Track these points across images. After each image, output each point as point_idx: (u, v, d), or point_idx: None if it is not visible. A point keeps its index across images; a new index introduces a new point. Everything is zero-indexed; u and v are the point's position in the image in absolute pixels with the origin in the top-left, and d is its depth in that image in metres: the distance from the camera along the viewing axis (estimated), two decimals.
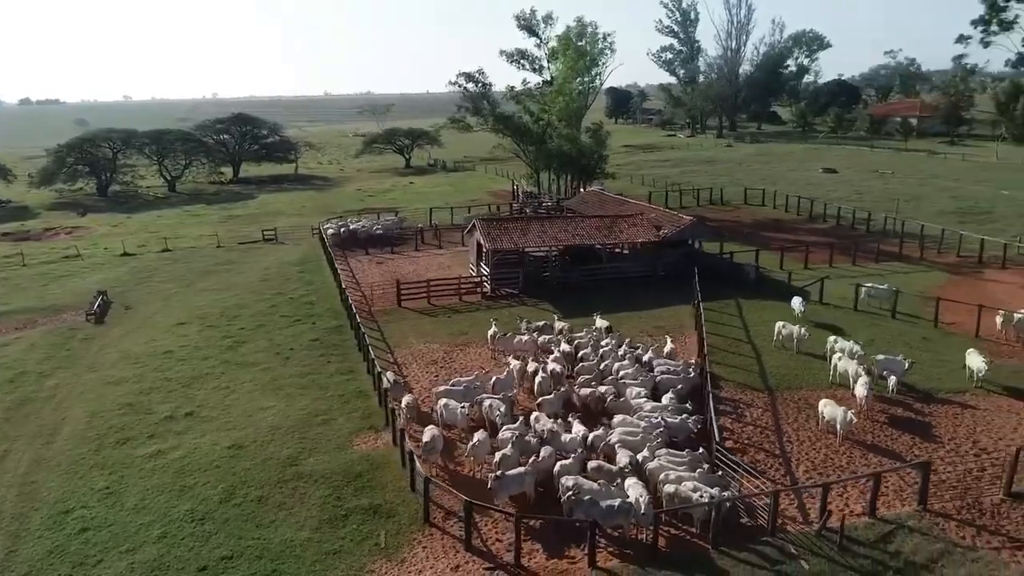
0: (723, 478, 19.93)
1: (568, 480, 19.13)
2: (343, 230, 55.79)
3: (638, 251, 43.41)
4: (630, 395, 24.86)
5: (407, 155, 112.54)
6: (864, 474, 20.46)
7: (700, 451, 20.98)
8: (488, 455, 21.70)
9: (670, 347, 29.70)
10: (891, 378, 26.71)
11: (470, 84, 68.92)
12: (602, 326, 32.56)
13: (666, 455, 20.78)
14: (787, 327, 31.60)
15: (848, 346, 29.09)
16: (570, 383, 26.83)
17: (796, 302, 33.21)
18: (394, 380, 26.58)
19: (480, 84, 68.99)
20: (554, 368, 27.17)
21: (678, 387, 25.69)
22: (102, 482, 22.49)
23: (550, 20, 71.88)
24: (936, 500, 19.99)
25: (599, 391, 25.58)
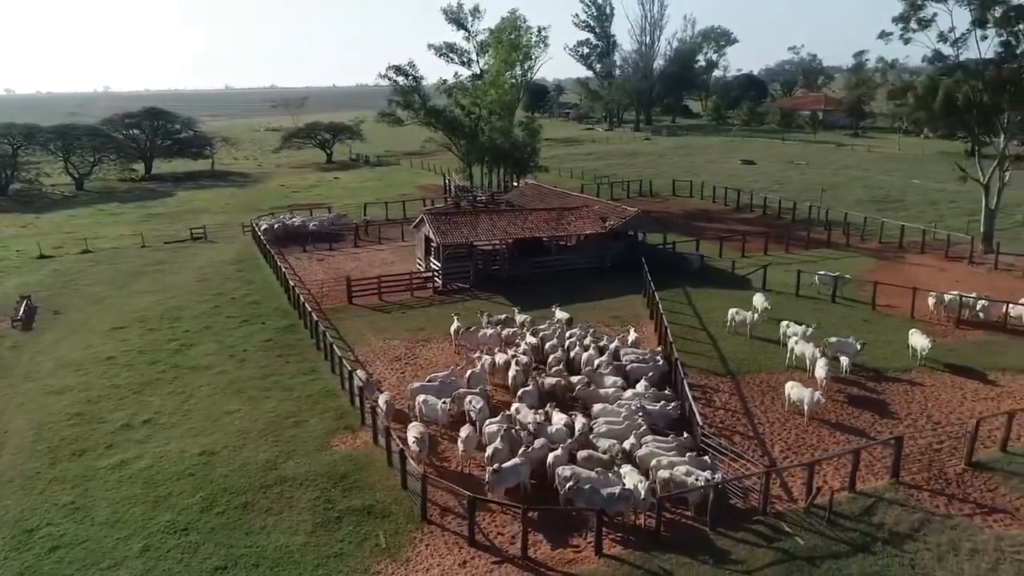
0: (712, 462, 20.47)
1: (566, 470, 19.28)
2: (276, 226, 54.27)
3: (584, 243, 43.92)
4: (608, 385, 25.19)
5: (328, 150, 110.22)
6: (845, 451, 21.36)
7: (685, 436, 21.49)
8: (477, 450, 21.64)
9: (634, 337, 30.25)
10: (844, 359, 28.01)
11: (400, 77, 68.07)
12: (563, 318, 32.84)
13: (653, 442, 21.19)
14: (740, 313, 32.64)
15: (801, 330, 30.30)
16: (536, 374, 26.95)
17: (758, 299, 33.93)
18: (366, 379, 26.09)
19: (411, 77, 68.22)
20: (525, 360, 27.27)
21: (649, 375, 26.22)
22: (65, 497, 21.26)
23: (477, 13, 71.86)
24: (906, 472, 21.11)
25: (564, 380, 25.84)
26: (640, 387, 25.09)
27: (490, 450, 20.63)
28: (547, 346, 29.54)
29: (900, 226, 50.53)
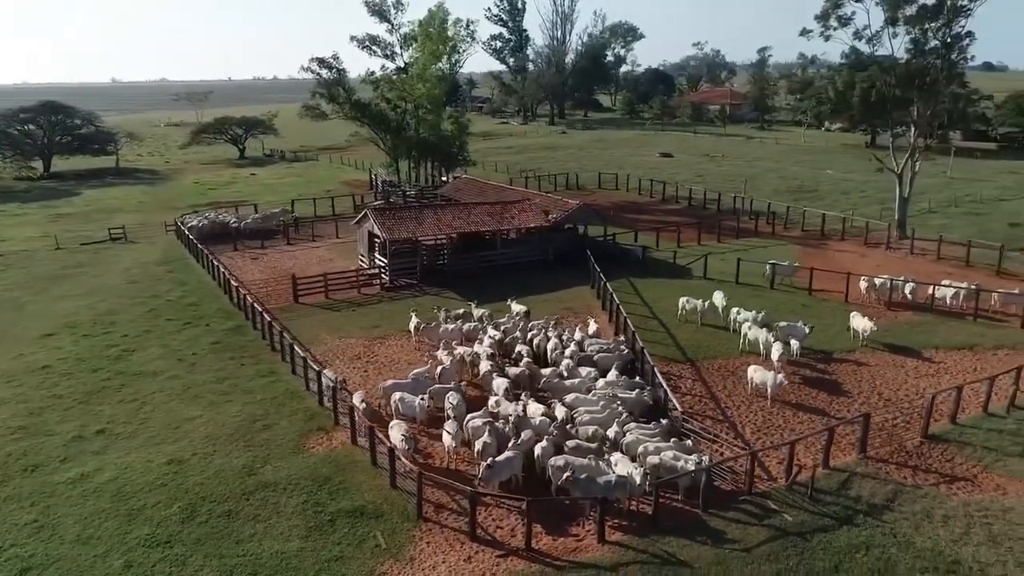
0: (695, 446, 21.08)
1: (559, 460, 19.47)
2: (203, 224, 52.24)
3: (526, 236, 44.16)
4: (583, 375, 25.51)
5: (241, 145, 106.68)
6: (821, 429, 22.32)
7: (664, 422, 22.04)
8: (462, 445, 21.58)
9: (595, 327, 30.71)
10: (794, 343, 29.27)
11: (324, 70, 66.51)
12: (520, 310, 32.99)
13: (636, 429, 21.63)
14: (691, 301, 33.60)
15: (752, 315, 31.47)
16: (503, 366, 27.05)
17: (718, 296, 34.59)
18: (335, 379, 25.53)
19: (334, 70, 66.76)
20: (491, 353, 27.33)
21: (616, 364, 26.72)
22: (26, 515, 19.95)
23: (400, 6, 70.82)
24: (870, 448, 22.30)
25: (530, 371, 26.05)
26: (612, 375, 25.53)
27: (479, 445, 20.58)
28: (508, 340, 29.63)
29: (821, 215, 53.06)
